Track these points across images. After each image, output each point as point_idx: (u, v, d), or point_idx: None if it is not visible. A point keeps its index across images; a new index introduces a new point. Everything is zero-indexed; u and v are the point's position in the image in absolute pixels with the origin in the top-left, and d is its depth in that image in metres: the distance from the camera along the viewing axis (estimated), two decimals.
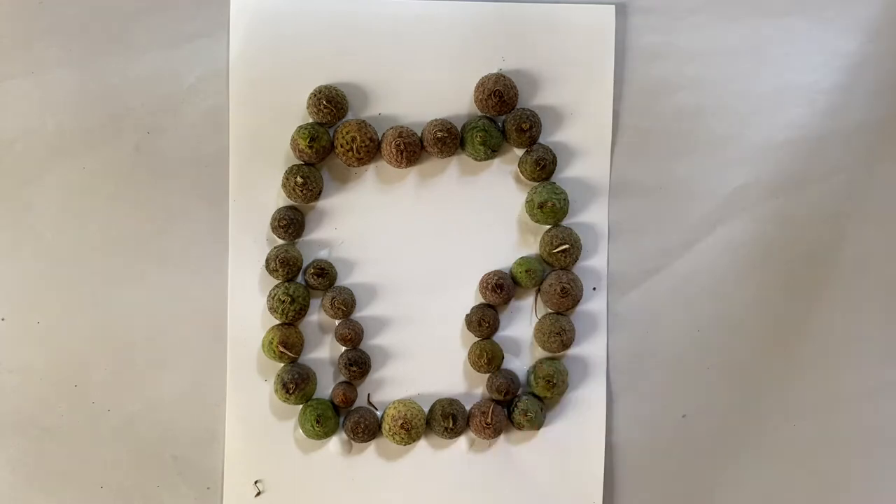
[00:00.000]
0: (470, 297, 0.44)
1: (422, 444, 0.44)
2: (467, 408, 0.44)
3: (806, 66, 0.45)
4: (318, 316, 0.44)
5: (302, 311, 0.43)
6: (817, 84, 0.45)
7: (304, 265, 0.44)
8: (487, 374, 0.44)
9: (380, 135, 0.44)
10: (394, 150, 0.42)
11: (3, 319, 0.44)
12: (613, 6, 0.44)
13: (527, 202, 0.44)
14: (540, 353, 0.44)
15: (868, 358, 0.46)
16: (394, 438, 0.43)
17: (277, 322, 0.43)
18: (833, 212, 0.46)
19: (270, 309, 0.43)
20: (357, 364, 0.43)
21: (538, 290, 0.44)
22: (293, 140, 0.43)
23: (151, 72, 0.43)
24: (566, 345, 0.43)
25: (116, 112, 0.43)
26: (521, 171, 0.44)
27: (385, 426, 0.43)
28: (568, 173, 0.44)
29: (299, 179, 0.42)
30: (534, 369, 0.44)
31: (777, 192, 0.45)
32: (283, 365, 0.43)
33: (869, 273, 0.46)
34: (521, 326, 0.45)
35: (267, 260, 0.43)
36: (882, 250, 0.46)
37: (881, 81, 0.45)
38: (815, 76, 0.45)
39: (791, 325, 0.46)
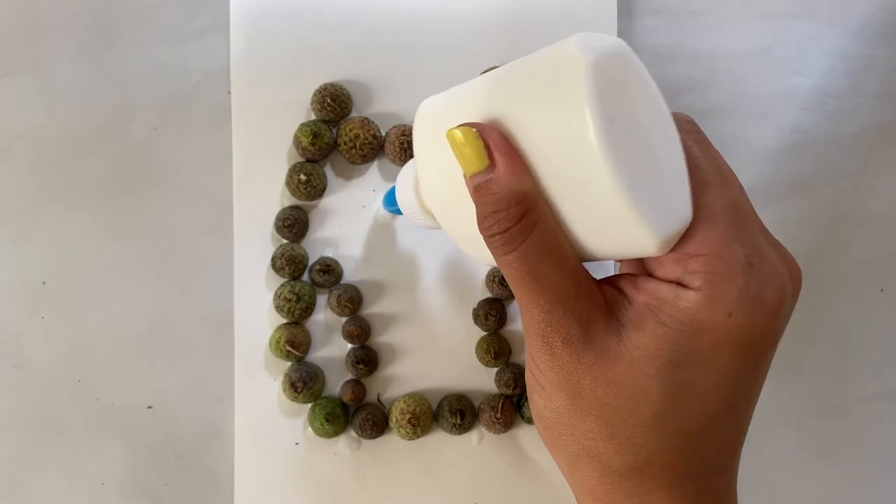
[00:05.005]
0: (477, 291, 0.44)
1: (431, 440, 0.44)
2: (476, 402, 0.44)
3: (815, 69, 0.45)
4: (324, 314, 0.44)
5: (308, 309, 0.43)
6: (826, 87, 0.45)
7: (310, 263, 0.44)
8: (496, 369, 0.44)
9: (383, 132, 0.44)
10: (397, 149, 0.42)
11: (8, 314, 0.44)
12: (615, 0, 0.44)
13: None
14: None
15: (872, 364, 0.46)
16: (400, 432, 0.42)
17: (284, 321, 0.43)
18: (840, 216, 0.46)
19: (277, 308, 0.43)
20: (364, 361, 0.43)
21: None
22: (296, 138, 0.43)
23: (159, 68, 0.44)
24: None
25: (123, 108, 0.44)
26: None
27: (392, 420, 0.43)
28: None
29: (302, 177, 0.42)
30: None
31: (784, 196, 0.45)
32: (290, 364, 0.43)
33: (875, 278, 0.46)
34: None
35: (273, 258, 0.43)
36: (889, 255, 0.46)
37: (890, 85, 0.45)
38: (824, 79, 0.45)
39: (795, 329, 0.46)
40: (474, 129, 0.24)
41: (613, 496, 0.26)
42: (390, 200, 0.37)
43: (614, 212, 0.22)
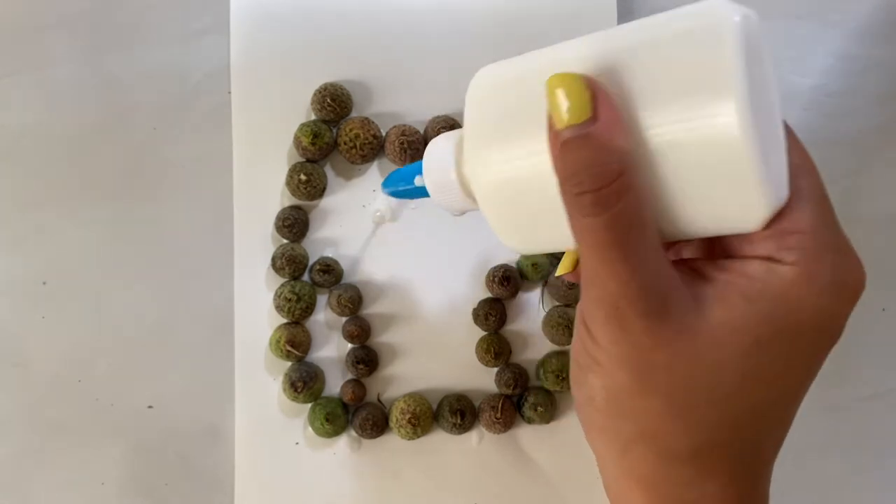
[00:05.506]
0: (477, 291, 0.44)
1: (431, 440, 0.44)
2: (476, 402, 0.44)
3: (813, 69, 0.45)
4: (324, 314, 0.44)
5: (308, 309, 0.43)
6: (825, 87, 0.45)
7: (310, 263, 0.44)
8: (496, 369, 0.44)
9: (383, 132, 0.44)
10: (397, 149, 0.42)
11: (8, 314, 0.44)
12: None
13: None
14: (548, 346, 0.44)
15: (872, 364, 0.46)
16: (400, 432, 0.42)
17: (284, 321, 0.43)
18: (840, 216, 0.45)
19: (277, 308, 0.43)
20: (364, 362, 0.43)
21: (545, 283, 0.44)
22: (296, 138, 0.43)
23: (159, 68, 0.44)
24: None
25: (123, 108, 0.44)
26: None
27: (392, 420, 0.43)
28: None
29: (303, 177, 0.42)
30: (543, 363, 0.44)
31: None
32: (290, 364, 0.43)
33: (874, 278, 0.46)
34: (529, 320, 0.44)
35: (273, 258, 0.43)
36: (889, 255, 0.46)
37: (890, 85, 0.45)
38: (823, 79, 0.45)
39: None
40: (582, 78, 0.22)
41: (667, 483, 0.25)
42: (399, 180, 0.33)
43: (737, 175, 0.21)
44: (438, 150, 0.30)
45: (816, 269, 0.23)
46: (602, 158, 0.22)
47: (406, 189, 0.32)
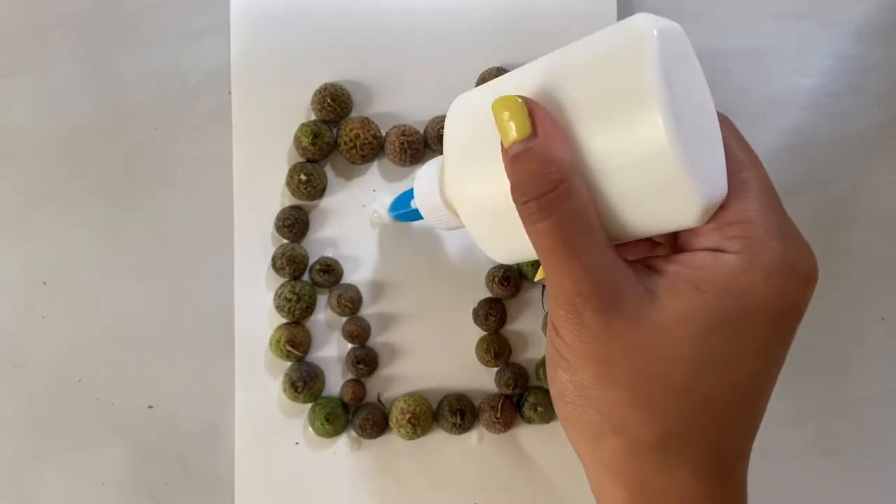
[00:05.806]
0: (477, 291, 0.44)
1: (431, 440, 0.44)
2: (476, 402, 0.44)
3: (813, 69, 0.45)
4: (324, 314, 0.44)
5: (308, 309, 0.43)
6: (825, 87, 0.45)
7: (310, 263, 0.44)
8: (496, 369, 0.44)
9: (383, 132, 0.44)
10: (397, 150, 0.42)
11: (8, 314, 0.44)
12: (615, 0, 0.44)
13: None
14: None
15: (872, 364, 0.46)
16: (400, 432, 0.42)
17: (284, 321, 0.43)
18: (838, 216, 0.46)
19: (277, 308, 0.43)
20: (364, 361, 0.43)
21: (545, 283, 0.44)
22: (296, 138, 0.43)
23: (159, 68, 0.44)
24: None
25: (123, 108, 0.44)
26: None
27: (392, 420, 0.43)
28: None
29: (303, 177, 0.42)
30: (543, 363, 0.44)
31: (783, 196, 0.45)
32: (290, 364, 0.43)
33: (874, 279, 0.46)
34: (530, 320, 0.44)
35: (273, 258, 0.43)
36: (888, 255, 0.46)
37: (889, 85, 0.45)
38: (823, 80, 0.45)
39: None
40: (520, 99, 0.25)
41: (638, 472, 0.25)
42: (400, 205, 0.37)
43: (665, 177, 0.23)
44: (425, 175, 0.33)
45: (761, 254, 0.24)
46: (543, 169, 0.24)
47: (408, 212, 0.35)
